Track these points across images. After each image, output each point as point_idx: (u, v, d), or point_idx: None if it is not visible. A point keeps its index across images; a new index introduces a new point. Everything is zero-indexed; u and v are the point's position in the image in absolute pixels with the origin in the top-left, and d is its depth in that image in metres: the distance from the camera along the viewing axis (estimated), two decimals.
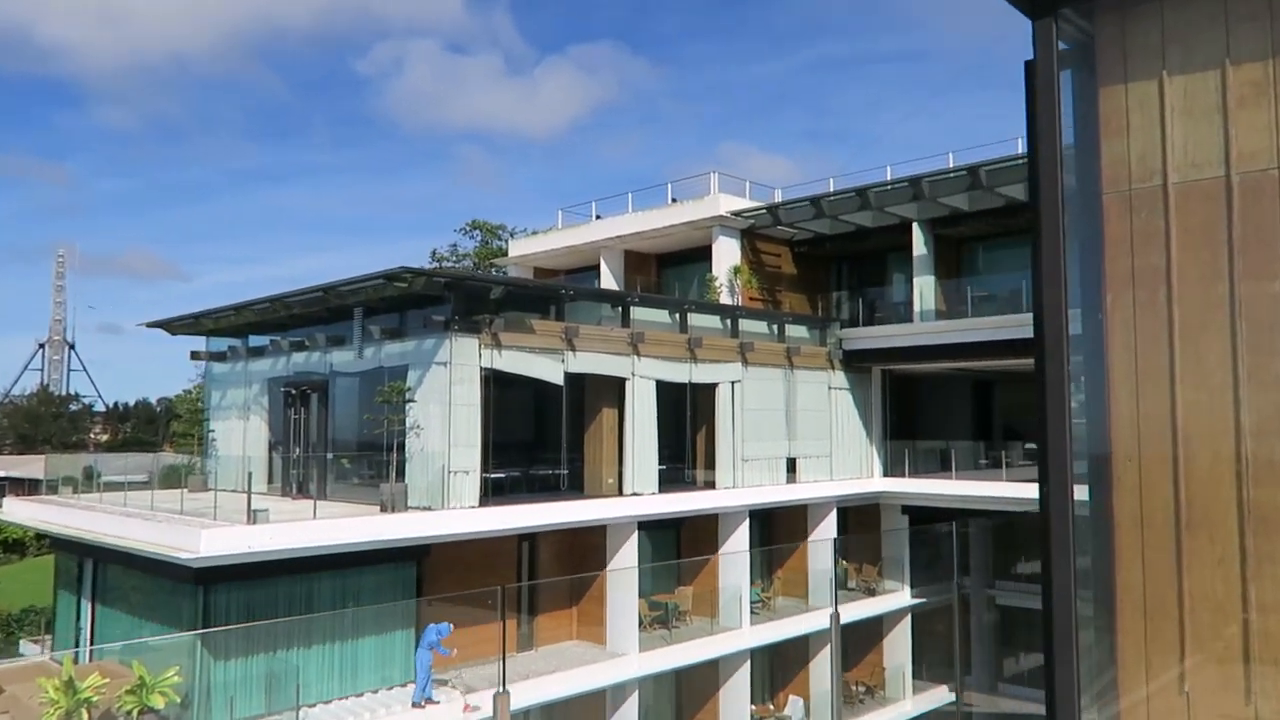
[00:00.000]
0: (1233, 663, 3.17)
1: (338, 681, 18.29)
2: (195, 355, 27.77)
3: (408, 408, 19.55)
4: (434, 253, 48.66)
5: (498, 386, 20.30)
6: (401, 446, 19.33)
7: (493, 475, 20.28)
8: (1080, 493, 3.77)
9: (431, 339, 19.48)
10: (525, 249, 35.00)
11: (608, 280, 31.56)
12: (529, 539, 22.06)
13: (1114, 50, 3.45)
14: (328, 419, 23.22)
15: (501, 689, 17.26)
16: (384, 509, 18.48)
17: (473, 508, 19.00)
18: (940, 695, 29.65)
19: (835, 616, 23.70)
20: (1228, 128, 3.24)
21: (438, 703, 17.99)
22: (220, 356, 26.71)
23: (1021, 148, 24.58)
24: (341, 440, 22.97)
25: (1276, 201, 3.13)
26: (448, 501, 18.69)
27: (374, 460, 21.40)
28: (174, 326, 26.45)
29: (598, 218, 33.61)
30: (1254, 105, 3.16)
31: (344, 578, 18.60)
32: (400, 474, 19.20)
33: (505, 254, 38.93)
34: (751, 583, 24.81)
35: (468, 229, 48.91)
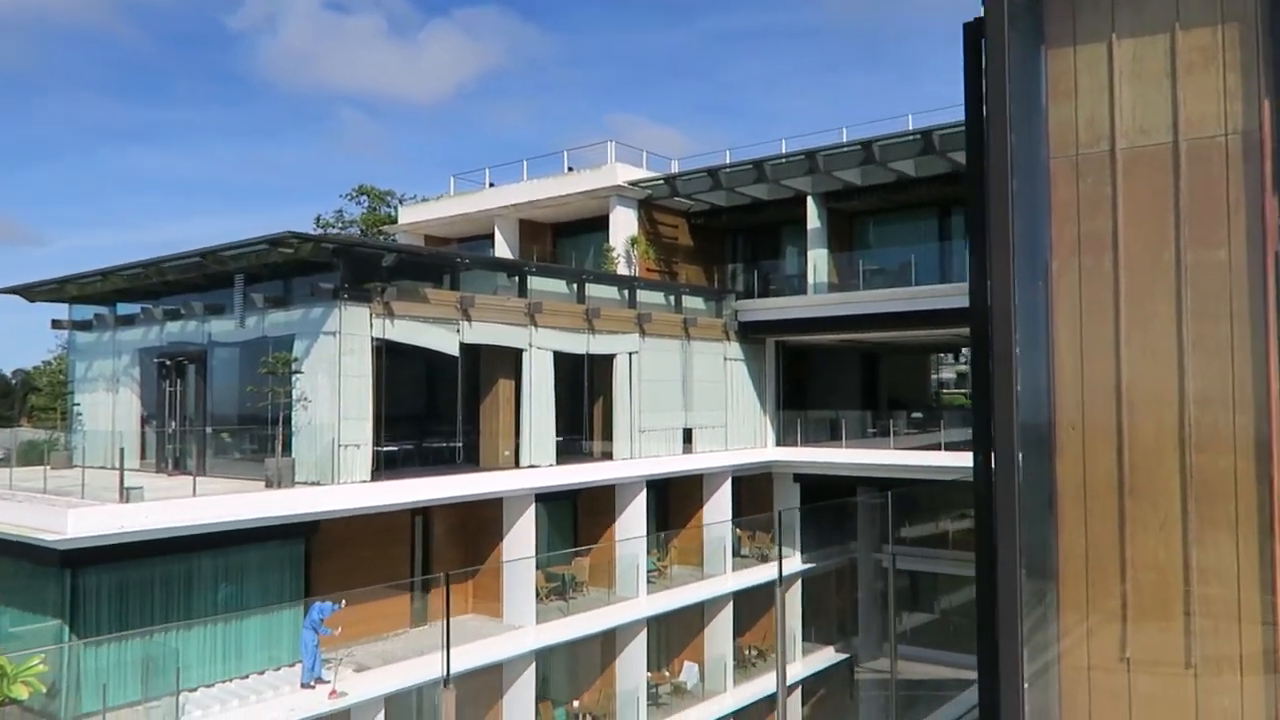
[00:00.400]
0: (1174, 628, 3.19)
1: (221, 664, 17.50)
2: (57, 324, 25.91)
3: (294, 379, 18.71)
4: (318, 219, 46.80)
5: (390, 357, 19.64)
6: (288, 420, 18.50)
7: (385, 449, 19.67)
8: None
9: (319, 308, 18.66)
10: (416, 216, 33.98)
11: (502, 250, 30.96)
12: (423, 513, 21.54)
13: (1063, 10, 3.39)
14: (206, 391, 22.09)
15: (446, 684, 16.74)
16: (270, 485, 17.69)
17: (364, 482, 18.38)
18: (828, 656, 30.57)
19: (780, 580, 23.71)
20: (1176, 93, 3.21)
21: (327, 682, 17.43)
22: (86, 325, 25.02)
23: (913, 124, 25.16)
24: (221, 414, 21.90)
25: (1224, 168, 3.12)
26: (338, 476, 18.02)
27: (258, 435, 20.46)
28: (33, 293, 24.61)
29: (491, 185, 32.89)
30: (1202, 71, 3.15)
31: (226, 556, 17.77)
32: (286, 448, 18.39)
33: (394, 221, 37.77)
34: (648, 552, 24.91)
35: (354, 194, 47.23)
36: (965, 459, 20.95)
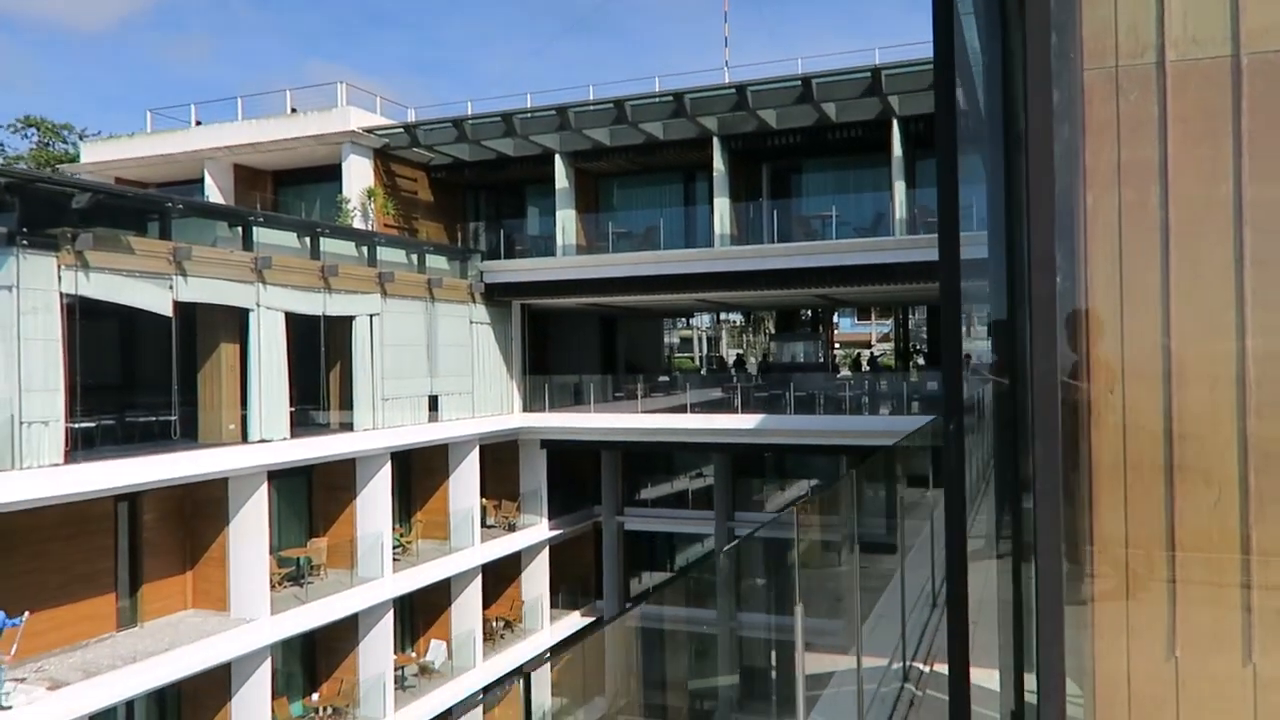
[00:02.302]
0: (1230, 619, 2.78)
1: None
2: None
3: None
4: None
5: (85, 318, 16.59)
6: None
7: (81, 425, 16.68)
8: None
9: None
10: (105, 155, 29.37)
11: (214, 199, 27.48)
12: (128, 499, 18.61)
13: None
14: None
15: None
16: None
17: (55, 465, 15.43)
18: (575, 622, 30.49)
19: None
20: None
21: (8, 708, 14.53)
22: None
23: (658, 85, 25.07)
24: None
25: None
26: (20, 460, 14.97)
27: None
28: None
29: (198, 124, 29.08)
30: None
31: None
32: None
33: (75, 160, 32.58)
34: (392, 528, 23.29)
35: (18, 125, 40.23)
36: (709, 421, 21.15)
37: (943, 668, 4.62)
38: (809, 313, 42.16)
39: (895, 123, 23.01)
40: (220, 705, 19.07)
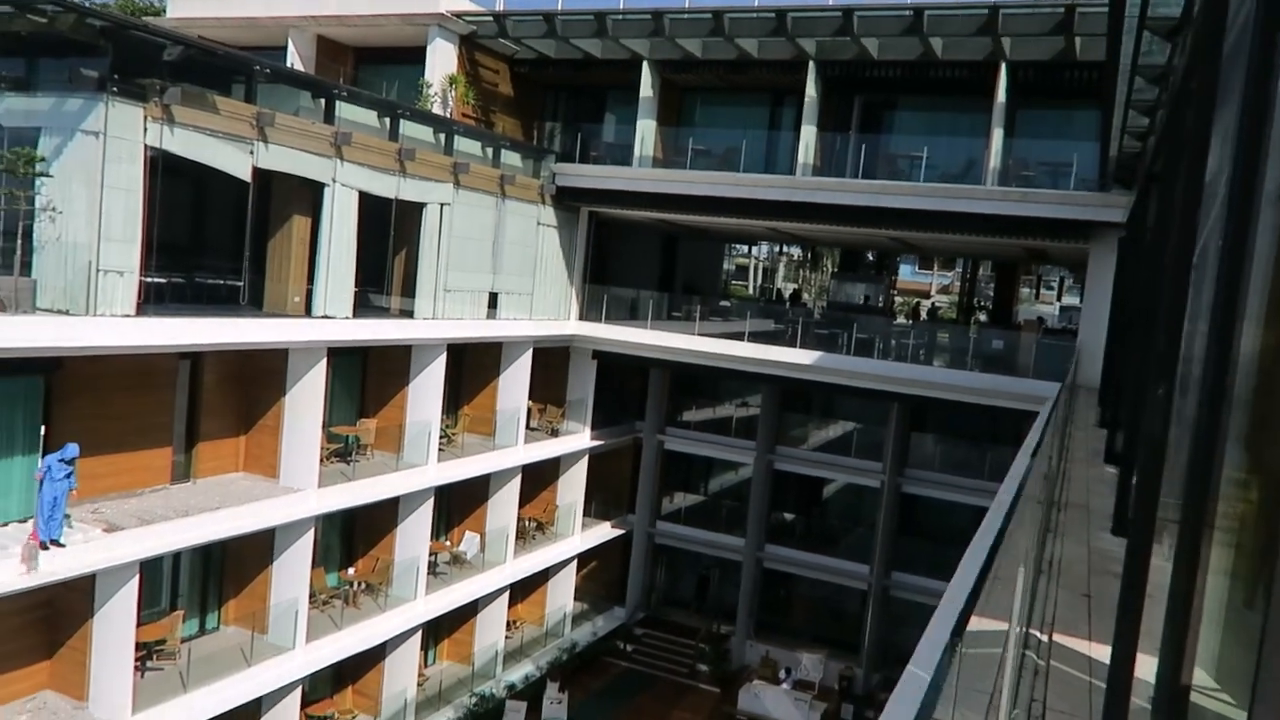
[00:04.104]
0: None
1: None
2: None
3: (39, 183, 15.33)
4: None
5: (165, 174, 16.56)
6: (29, 233, 15.22)
7: (153, 280, 16.79)
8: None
9: (78, 99, 15.24)
10: (190, 12, 29.08)
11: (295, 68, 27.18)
12: (193, 358, 18.88)
13: None
14: None
15: None
16: (2, 307, 14.56)
17: (127, 316, 15.60)
18: (605, 532, 30.88)
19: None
20: None
21: (63, 545, 14.97)
22: None
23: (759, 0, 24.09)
24: None
25: None
26: (94, 306, 15.13)
27: None
28: None
29: None
30: None
31: None
32: (27, 267, 15.17)
33: (160, 14, 32.35)
34: (439, 419, 23.48)
35: None
36: (764, 351, 20.92)
37: (1062, 638, 4.43)
38: (872, 255, 41.29)
39: (1003, 66, 21.95)
40: (262, 569, 19.61)
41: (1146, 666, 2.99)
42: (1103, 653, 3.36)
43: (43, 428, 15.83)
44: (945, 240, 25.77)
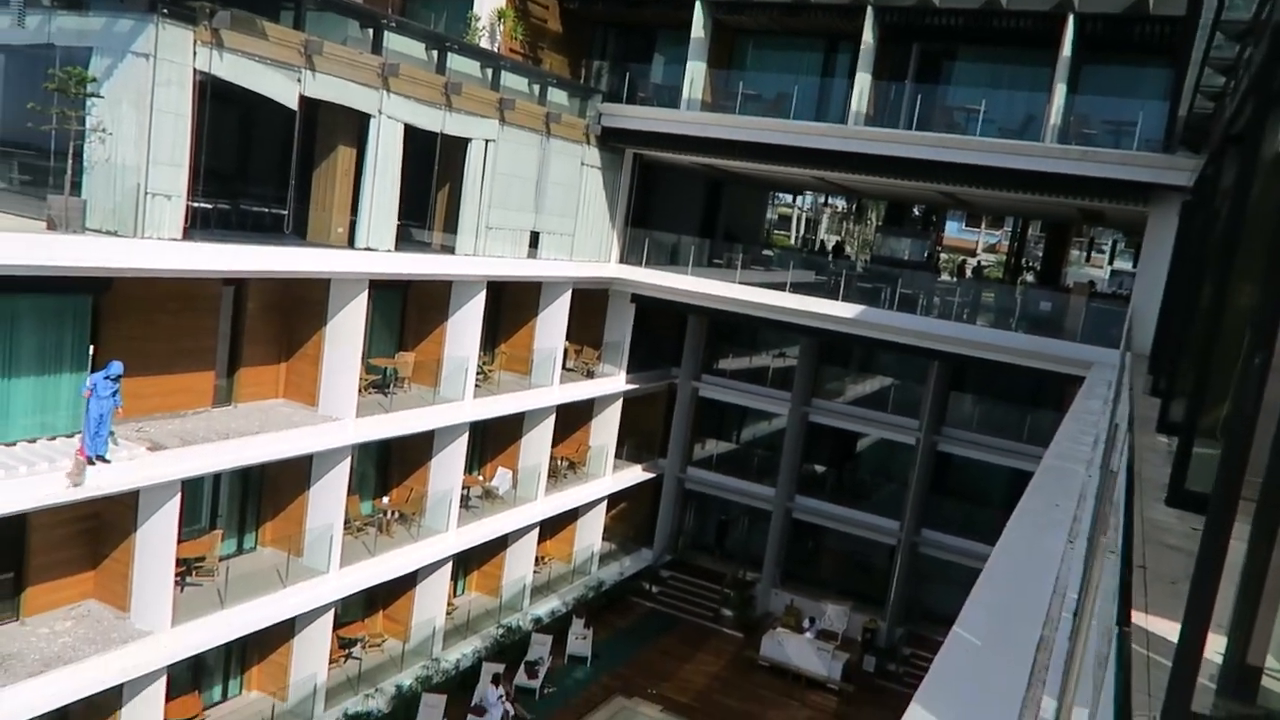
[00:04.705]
0: None
1: None
2: None
3: (89, 104, 15.37)
4: None
5: (213, 100, 16.53)
6: (79, 153, 15.30)
7: (200, 205, 16.88)
8: None
9: (129, 20, 15.19)
10: None
11: None
12: (236, 284, 19.05)
13: None
14: None
15: None
16: (53, 226, 14.73)
17: (174, 240, 15.72)
18: (635, 475, 31.07)
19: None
20: None
21: (108, 461, 15.31)
22: None
23: None
24: None
25: None
26: (142, 229, 15.26)
27: (34, 165, 17.05)
28: None
29: None
30: None
31: None
32: (76, 188, 15.29)
33: None
34: (477, 355, 23.60)
35: None
36: (805, 303, 20.72)
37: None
38: (918, 210, 40.53)
39: (1071, 19, 21.14)
40: (299, 493, 19.98)
41: (1210, 645, 2.90)
42: (1158, 626, 3.28)
43: (90, 346, 16.10)
44: (998, 197, 25.14)
